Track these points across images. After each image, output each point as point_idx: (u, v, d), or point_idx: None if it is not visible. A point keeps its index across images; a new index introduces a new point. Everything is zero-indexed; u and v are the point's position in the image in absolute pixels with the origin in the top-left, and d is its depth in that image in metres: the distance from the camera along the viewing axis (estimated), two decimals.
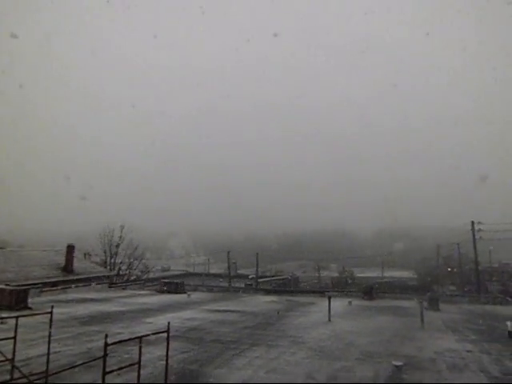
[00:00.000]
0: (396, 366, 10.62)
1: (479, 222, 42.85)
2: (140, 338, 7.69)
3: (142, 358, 7.85)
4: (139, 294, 32.45)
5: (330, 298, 21.13)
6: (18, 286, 24.05)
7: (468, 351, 13.71)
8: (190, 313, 21.95)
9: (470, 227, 42.71)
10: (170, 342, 8.25)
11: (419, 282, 66.52)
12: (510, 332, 16.26)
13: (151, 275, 56.71)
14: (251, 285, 52.86)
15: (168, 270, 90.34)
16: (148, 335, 8.39)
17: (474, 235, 42.44)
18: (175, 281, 39.04)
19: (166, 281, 37.40)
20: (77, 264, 35.90)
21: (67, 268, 34.41)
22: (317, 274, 75.56)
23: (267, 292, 39.89)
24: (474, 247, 42.92)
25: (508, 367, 11.69)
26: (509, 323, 16.51)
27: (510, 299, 32.59)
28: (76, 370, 9.09)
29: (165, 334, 8.31)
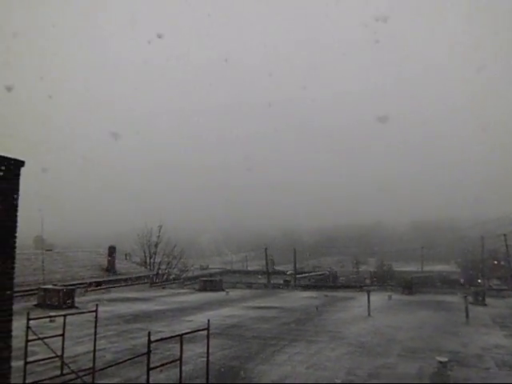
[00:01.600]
0: (441, 363, 10.25)
1: None
2: (181, 335, 7.83)
3: (184, 355, 7.98)
4: (179, 293, 33.00)
5: (369, 293, 20.82)
6: (65, 285, 25.02)
7: None
8: (229, 310, 22.13)
9: None
10: (210, 339, 8.36)
11: (463, 275, 64.29)
12: None
13: (190, 274, 57.57)
14: (289, 281, 52.72)
15: (206, 269, 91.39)
16: (188, 333, 8.53)
17: None
18: (214, 279, 39.50)
19: (205, 279, 37.83)
20: (118, 264, 37.05)
21: (110, 268, 35.54)
22: (355, 269, 74.50)
23: (305, 288, 39.70)
24: None
25: None
26: None
27: None
28: (121, 366, 9.37)
29: (205, 332, 8.43)
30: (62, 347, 9.10)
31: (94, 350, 9.20)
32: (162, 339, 7.99)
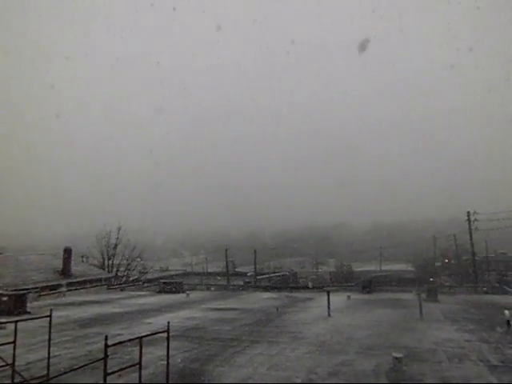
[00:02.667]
0: (396, 358, 10.65)
1: (475, 213, 43.00)
2: (140, 338, 7.68)
3: (143, 359, 7.84)
4: (138, 295, 32.40)
5: (328, 293, 21.14)
6: (16, 290, 23.96)
7: (467, 341, 13.82)
8: (189, 312, 21.95)
9: (466, 218, 42.94)
10: (170, 341, 8.25)
11: (417, 274, 66.82)
12: (508, 321, 16.39)
13: (149, 276, 56.63)
14: (250, 282, 52.85)
15: (166, 270, 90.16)
16: (148, 335, 8.39)
17: (470, 226, 42.58)
18: (174, 280, 39.01)
19: (165, 281, 37.34)
20: (74, 267, 35.81)
21: (65, 271, 34.30)
22: (315, 270, 75.70)
23: (266, 289, 39.93)
24: (471, 238, 43.07)
25: (507, 355, 11.78)
26: (507, 312, 16.64)
27: (507, 288, 32.76)
28: (77, 372, 9.07)
29: (165, 334, 8.32)
30: (14, 355, 8.70)
31: (48, 357, 8.87)
32: (120, 343, 7.81)
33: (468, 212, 42.96)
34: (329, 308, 20.32)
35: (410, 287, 33.33)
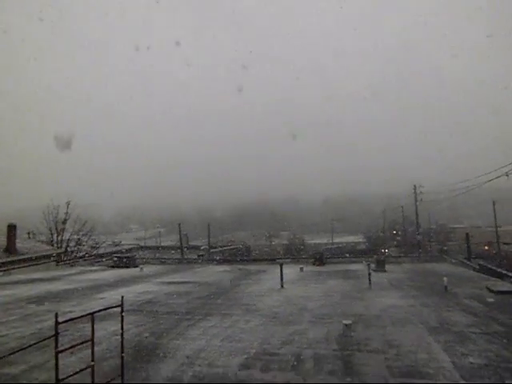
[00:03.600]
0: (345, 325, 11.25)
1: (421, 186, 45.18)
2: (92, 314, 7.58)
3: (96, 335, 7.77)
4: (89, 270, 31.76)
5: (281, 265, 21.52)
6: None
7: (410, 306, 14.76)
8: (143, 286, 21.84)
9: (413, 191, 45.06)
10: (124, 316, 8.21)
11: (367, 245, 69.82)
12: (445, 286, 17.72)
13: (101, 251, 55.42)
14: (203, 255, 53.07)
15: (119, 245, 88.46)
16: (101, 311, 8.28)
17: (415, 198, 44.83)
18: (127, 255, 38.47)
19: (117, 255, 36.78)
20: (20, 244, 34.30)
21: (9, 249, 32.77)
22: (268, 243, 77.04)
23: (219, 262, 40.27)
24: (416, 210, 45.47)
25: (444, 317, 12.78)
26: (445, 279, 18.00)
27: (446, 257, 34.97)
28: (26, 351, 8.86)
29: (118, 309, 8.25)
30: None
31: None
32: (71, 319, 7.66)
33: (414, 186, 45.11)
34: (282, 280, 20.84)
35: (361, 258, 34.75)
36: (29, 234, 40.91)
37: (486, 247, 53.00)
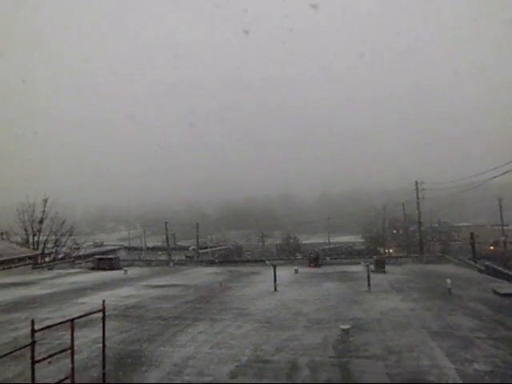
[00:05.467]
0: (343, 330, 11.28)
1: (422, 182, 45.24)
2: (72, 320, 7.51)
3: (76, 343, 7.72)
4: (69, 273, 31.55)
5: (275, 267, 21.51)
6: None
7: (411, 309, 14.84)
8: (127, 290, 21.76)
9: (415, 187, 45.15)
10: (106, 322, 8.16)
11: (366, 245, 70.05)
12: (449, 289, 17.82)
13: (82, 252, 55.13)
14: (192, 257, 53.05)
15: (101, 246, 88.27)
16: (81, 317, 8.21)
17: (417, 195, 44.92)
18: (109, 256, 38.32)
19: (100, 257, 36.62)
20: None
21: None
22: (261, 243, 77.06)
23: (209, 263, 40.18)
24: (418, 207, 45.56)
25: (447, 321, 12.85)
26: (448, 281, 18.07)
27: (449, 258, 35.21)
28: (0, 362, 8.76)
29: (100, 314, 8.19)
30: None
31: None
32: (48, 327, 7.59)
33: (416, 181, 45.14)
34: (275, 282, 20.85)
35: (359, 259, 34.86)
36: (1, 234, 40.47)
37: (492, 247, 53.42)
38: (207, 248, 67.20)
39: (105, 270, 32.89)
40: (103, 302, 8.42)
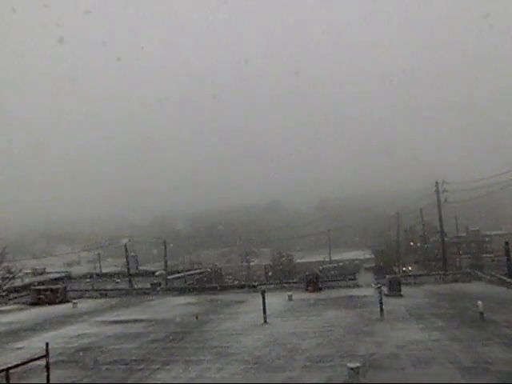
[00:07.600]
0: (352, 369, 11.19)
1: (444, 182, 44.82)
2: (7, 370, 7.41)
3: None
4: (1, 312, 31.11)
5: (263, 293, 21.47)
6: None
7: (435, 341, 14.94)
8: (77, 328, 21.61)
9: (435, 189, 44.94)
10: (52, 370, 8.06)
11: (377, 262, 70.14)
12: (481, 313, 17.89)
13: (18, 282, 54.23)
14: (159, 284, 52.61)
15: (42, 273, 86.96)
16: (18, 366, 8.11)
17: (438, 198, 44.62)
18: (53, 287, 37.85)
19: (40, 288, 36.18)
20: None
21: None
22: (245, 263, 76.77)
23: (181, 291, 40.03)
24: (439, 213, 45.28)
25: (480, 354, 12.90)
26: (480, 303, 18.12)
27: (480, 274, 35.46)
28: None
29: (43, 361, 8.09)
30: None
31: None
32: None
33: (436, 182, 44.85)
34: (264, 313, 20.80)
35: (368, 279, 34.93)
36: None
37: None
38: (179, 272, 66.73)
39: (47, 304, 32.52)
40: (46, 345, 8.33)
